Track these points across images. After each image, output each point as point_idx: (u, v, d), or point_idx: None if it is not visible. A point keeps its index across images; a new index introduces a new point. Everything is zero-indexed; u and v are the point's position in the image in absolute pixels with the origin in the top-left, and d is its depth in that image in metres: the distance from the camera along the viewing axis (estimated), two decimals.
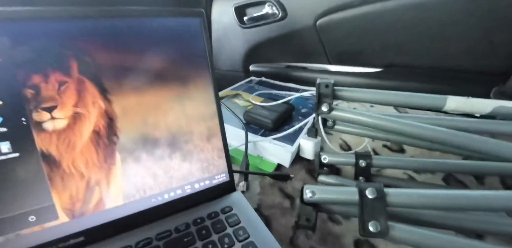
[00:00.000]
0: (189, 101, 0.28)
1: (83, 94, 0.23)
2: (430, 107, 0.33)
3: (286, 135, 0.41)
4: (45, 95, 0.22)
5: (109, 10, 0.24)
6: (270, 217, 0.30)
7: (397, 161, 0.36)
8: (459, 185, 0.39)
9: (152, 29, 0.26)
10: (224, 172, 0.31)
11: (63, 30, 0.22)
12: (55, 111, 0.22)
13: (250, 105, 0.50)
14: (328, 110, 0.31)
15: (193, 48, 0.28)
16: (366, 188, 0.23)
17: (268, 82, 0.66)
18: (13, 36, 0.20)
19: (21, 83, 0.21)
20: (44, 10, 0.21)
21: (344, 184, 0.35)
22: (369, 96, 0.34)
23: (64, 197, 0.22)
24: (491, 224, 0.25)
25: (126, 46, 0.25)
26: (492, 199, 0.21)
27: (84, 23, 0.23)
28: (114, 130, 0.25)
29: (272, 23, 0.69)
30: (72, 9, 0.22)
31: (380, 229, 0.21)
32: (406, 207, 0.23)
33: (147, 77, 0.26)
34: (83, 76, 0.23)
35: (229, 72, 0.79)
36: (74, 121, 0.23)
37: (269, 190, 0.34)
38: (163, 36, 0.26)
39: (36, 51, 0.21)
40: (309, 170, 0.39)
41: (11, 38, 0.20)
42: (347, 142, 0.47)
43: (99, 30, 0.23)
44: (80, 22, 0.23)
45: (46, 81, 0.22)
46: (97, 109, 0.24)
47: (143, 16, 0.25)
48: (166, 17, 0.26)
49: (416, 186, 0.36)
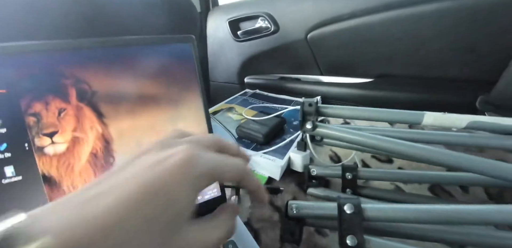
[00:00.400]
0: (182, 121, 0.30)
1: (81, 119, 0.25)
2: (409, 123, 0.35)
3: (277, 149, 0.43)
4: (46, 122, 0.23)
5: (104, 41, 0.26)
6: (259, 231, 0.32)
7: (382, 173, 0.38)
8: (445, 195, 0.40)
9: (145, 56, 0.28)
10: (215, 188, 0.32)
11: (61, 61, 0.24)
12: (56, 136, 0.24)
13: (244, 119, 0.52)
14: (312, 128, 0.33)
15: (185, 71, 0.30)
16: (345, 204, 0.25)
17: (262, 95, 0.68)
18: (16, 69, 0.22)
19: (24, 111, 0.23)
20: (44, 44, 0.23)
21: (331, 196, 0.37)
22: (351, 113, 0.36)
23: None
24: (472, 236, 0.26)
25: (121, 73, 0.27)
26: (464, 213, 0.22)
27: (80, 53, 0.25)
28: (110, 152, 0.26)
29: (265, 36, 0.72)
30: (69, 42, 0.24)
31: (357, 243, 0.23)
32: (382, 221, 0.25)
33: (142, 101, 0.28)
34: (81, 102, 0.25)
35: (225, 84, 0.81)
36: (73, 144, 0.25)
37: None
38: (156, 62, 0.28)
39: (37, 81, 0.23)
40: (299, 182, 0.41)
41: (15, 70, 0.22)
42: (337, 153, 0.48)
43: (95, 59, 0.26)
44: (77, 53, 0.25)
45: (47, 109, 0.24)
46: (95, 132, 0.26)
47: (136, 45, 0.27)
48: (158, 45, 0.29)
49: (402, 197, 0.38)
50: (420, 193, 0.40)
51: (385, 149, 0.31)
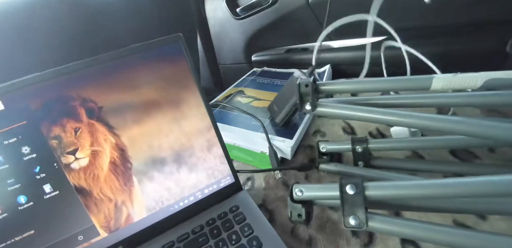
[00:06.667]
0: (185, 120, 0.32)
1: (95, 134, 0.28)
2: (417, 89, 0.32)
3: (286, 129, 0.44)
4: (66, 142, 0.27)
5: (97, 58, 0.27)
6: (274, 211, 0.34)
7: (394, 143, 0.37)
8: (468, 156, 0.38)
9: (139, 64, 0.29)
10: (228, 175, 0.35)
11: (65, 85, 0.26)
12: (77, 153, 0.27)
13: (253, 101, 0.53)
14: (312, 108, 0.33)
15: (179, 71, 0.31)
16: (347, 184, 0.26)
17: (270, 72, 0.67)
18: (29, 101, 0.25)
19: (46, 136, 0.26)
20: (46, 73, 0.25)
21: (343, 171, 0.38)
22: (353, 86, 0.34)
23: (100, 218, 0.28)
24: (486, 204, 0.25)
25: (120, 85, 0.29)
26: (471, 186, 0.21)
27: (80, 75, 0.27)
28: (127, 158, 0.30)
29: (265, 9, 0.68)
30: (68, 66, 0.26)
31: (359, 222, 0.24)
32: (385, 199, 0.25)
33: (145, 108, 0.30)
34: (91, 119, 0.28)
35: (233, 65, 0.81)
36: (93, 157, 0.28)
37: (273, 184, 0.38)
38: (150, 68, 0.29)
39: (50, 107, 0.26)
40: (311, 159, 0.42)
41: (28, 102, 0.25)
42: (349, 124, 0.48)
43: (94, 77, 0.28)
44: (77, 75, 0.27)
45: (64, 130, 0.27)
46: (109, 144, 0.29)
47: (128, 55, 0.29)
48: (148, 50, 0.29)
49: (419, 165, 0.37)
50: (441, 157, 0.39)
51: (393, 123, 0.30)
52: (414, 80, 0.32)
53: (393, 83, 0.33)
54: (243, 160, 0.44)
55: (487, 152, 0.38)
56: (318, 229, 0.31)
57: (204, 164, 0.33)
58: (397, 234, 0.24)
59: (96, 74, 0.28)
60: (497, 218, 0.29)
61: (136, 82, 0.29)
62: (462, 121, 0.27)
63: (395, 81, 0.33)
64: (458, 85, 0.31)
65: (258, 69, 0.69)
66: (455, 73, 0.31)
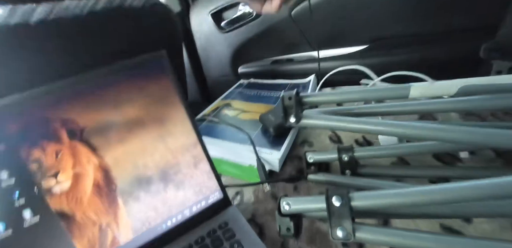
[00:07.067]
0: (170, 137, 0.32)
1: (77, 156, 0.28)
2: (396, 98, 0.33)
3: (273, 140, 0.44)
4: (47, 165, 0.26)
5: (77, 79, 0.27)
6: (263, 225, 0.34)
7: (379, 150, 0.38)
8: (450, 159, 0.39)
9: (121, 83, 0.29)
10: (217, 191, 0.35)
11: (45, 106, 0.26)
12: (59, 176, 0.27)
13: (239, 113, 0.53)
14: (296, 121, 0.33)
15: (163, 88, 0.31)
16: (332, 196, 0.26)
17: (256, 83, 0.68)
18: (7, 123, 0.24)
19: (25, 160, 0.25)
20: (24, 95, 0.25)
21: (331, 180, 0.38)
22: (335, 97, 0.35)
23: (84, 243, 0.27)
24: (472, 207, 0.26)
25: (103, 104, 0.28)
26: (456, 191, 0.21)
27: (60, 95, 0.26)
28: (111, 179, 0.29)
29: (250, 22, 0.70)
30: (47, 87, 0.26)
31: (347, 233, 0.24)
32: (371, 209, 0.26)
33: (128, 127, 0.30)
34: (73, 140, 0.27)
35: (221, 78, 0.82)
36: (76, 180, 0.27)
37: (262, 198, 0.38)
38: (133, 86, 0.29)
39: (29, 130, 0.26)
40: (299, 170, 0.42)
41: (6, 125, 0.24)
42: (336, 133, 0.48)
43: (75, 97, 0.27)
44: (56, 95, 0.26)
45: (45, 153, 0.26)
46: (92, 165, 0.28)
47: (111, 73, 0.28)
48: (131, 68, 0.29)
49: (404, 171, 0.38)
50: (425, 162, 0.40)
51: (378, 132, 0.31)
52: (394, 89, 0.33)
53: (374, 92, 0.34)
54: (232, 174, 0.44)
55: (469, 155, 0.39)
56: (308, 241, 0.31)
57: (191, 180, 0.33)
58: (385, 243, 0.24)
59: (78, 93, 0.27)
60: (481, 221, 0.30)
61: (119, 100, 0.29)
62: (442, 129, 0.28)
63: (376, 91, 0.34)
64: (435, 93, 0.32)
65: (244, 81, 0.70)
66: (431, 81, 0.32)
